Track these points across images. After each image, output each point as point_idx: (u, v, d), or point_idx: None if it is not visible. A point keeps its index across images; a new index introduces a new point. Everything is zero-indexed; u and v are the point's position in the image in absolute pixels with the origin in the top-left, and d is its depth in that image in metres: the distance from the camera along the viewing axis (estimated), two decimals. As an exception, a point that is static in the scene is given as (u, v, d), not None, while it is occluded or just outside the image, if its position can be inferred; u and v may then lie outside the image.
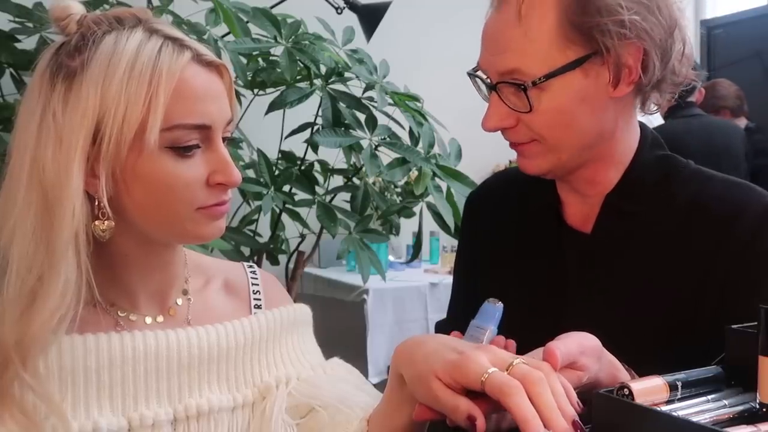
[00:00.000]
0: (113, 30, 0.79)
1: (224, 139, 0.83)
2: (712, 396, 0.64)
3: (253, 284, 0.97)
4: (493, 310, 0.85)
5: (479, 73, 0.96)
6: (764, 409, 0.60)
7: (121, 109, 0.75)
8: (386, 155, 2.30)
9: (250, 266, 1.00)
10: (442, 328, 1.14)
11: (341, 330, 3.07)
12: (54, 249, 0.75)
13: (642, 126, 1.01)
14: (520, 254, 1.04)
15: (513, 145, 0.97)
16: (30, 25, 2.18)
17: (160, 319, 0.88)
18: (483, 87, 0.97)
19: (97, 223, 0.78)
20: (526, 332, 0.79)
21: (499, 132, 0.97)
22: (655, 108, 0.99)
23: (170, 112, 0.77)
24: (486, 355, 0.66)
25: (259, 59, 2.34)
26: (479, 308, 0.88)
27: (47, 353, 0.78)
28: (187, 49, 0.80)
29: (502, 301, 1.03)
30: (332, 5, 2.65)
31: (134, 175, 0.78)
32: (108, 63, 0.76)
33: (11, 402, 0.75)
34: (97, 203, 0.78)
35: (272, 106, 2.21)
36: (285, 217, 2.40)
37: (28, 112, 0.78)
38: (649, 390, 0.61)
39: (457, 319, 1.13)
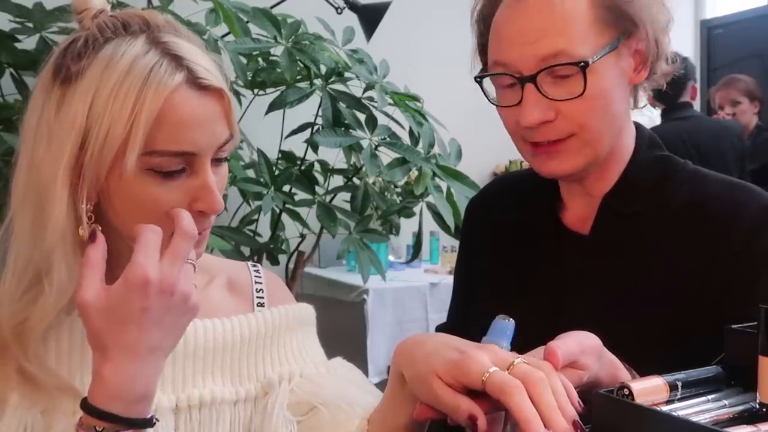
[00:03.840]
0: (116, 37, 0.77)
1: (220, 160, 0.81)
2: (712, 396, 0.64)
3: (256, 283, 0.97)
4: (504, 326, 0.80)
5: (499, 72, 0.93)
6: (764, 409, 0.60)
7: (104, 127, 0.74)
8: (386, 155, 2.31)
9: (254, 265, 1.00)
10: (442, 332, 1.15)
11: (341, 330, 3.07)
12: (48, 248, 0.76)
13: (638, 126, 1.02)
14: (519, 256, 1.04)
15: (543, 147, 0.93)
16: (30, 25, 2.19)
17: None
18: (492, 91, 0.96)
19: (82, 227, 0.77)
20: (526, 333, 0.79)
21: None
22: (643, 105, 1.01)
23: (152, 138, 0.75)
24: (487, 354, 0.66)
25: (259, 59, 2.35)
26: (490, 324, 0.83)
27: (60, 333, 0.79)
28: (182, 69, 0.76)
29: (501, 301, 1.03)
30: (332, 5, 2.65)
31: (115, 191, 0.77)
32: (100, 77, 0.75)
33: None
34: (84, 207, 0.77)
35: (272, 106, 2.22)
36: (285, 217, 2.40)
37: (32, 109, 0.79)
38: (649, 390, 0.61)
39: (458, 323, 1.13)
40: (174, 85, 0.76)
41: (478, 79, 0.97)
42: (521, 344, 0.79)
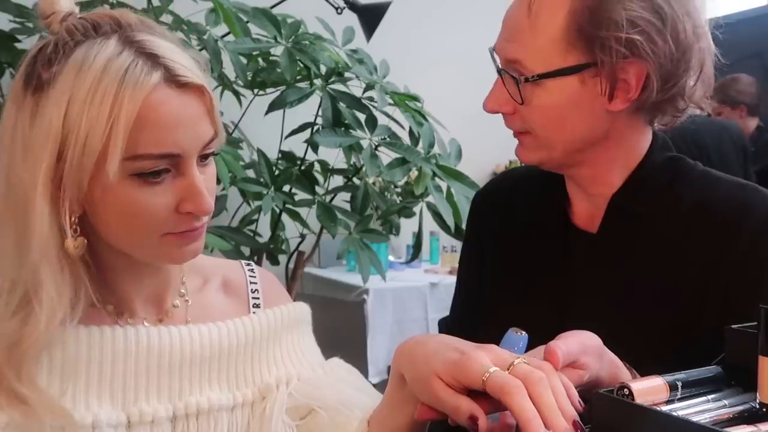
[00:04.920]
0: (87, 40, 0.74)
1: (207, 156, 0.79)
2: (712, 396, 0.64)
3: (251, 283, 0.97)
4: (517, 339, 0.79)
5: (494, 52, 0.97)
6: (764, 409, 0.59)
7: (82, 134, 0.71)
8: (386, 155, 2.31)
9: (249, 265, 0.99)
10: (444, 326, 1.15)
11: (341, 330, 3.07)
12: (33, 265, 0.73)
13: (654, 131, 1.01)
14: (527, 253, 1.04)
15: (513, 133, 0.99)
16: (30, 25, 2.19)
17: (157, 322, 0.87)
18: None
19: (68, 241, 0.75)
20: (532, 330, 0.79)
21: (498, 133, 0.98)
22: (659, 127, 0.99)
23: (133, 141, 0.72)
24: (487, 354, 0.66)
25: (259, 59, 2.35)
26: (502, 337, 0.81)
27: (53, 346, 0.78)
28: (159, 68, 0.74)
29: (507, 297, 1.03)
30: (332, 5, 2.65)
31: (100, 201, 0.75)
32: (73, 83, 0.72)
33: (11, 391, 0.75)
34: (67, 220, 0.75)
35: (272, 106, 2.22)
36: (285, 217, 2.40)
37: (5, 121, 0.76)
38: (649, 390, 0.61)
39: (462, 318, 1.13)
40: (152, 84, 0.73)
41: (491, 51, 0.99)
42: (529, 341, 0.79)
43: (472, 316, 1.09)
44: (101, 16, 0.77)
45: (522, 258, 1.04)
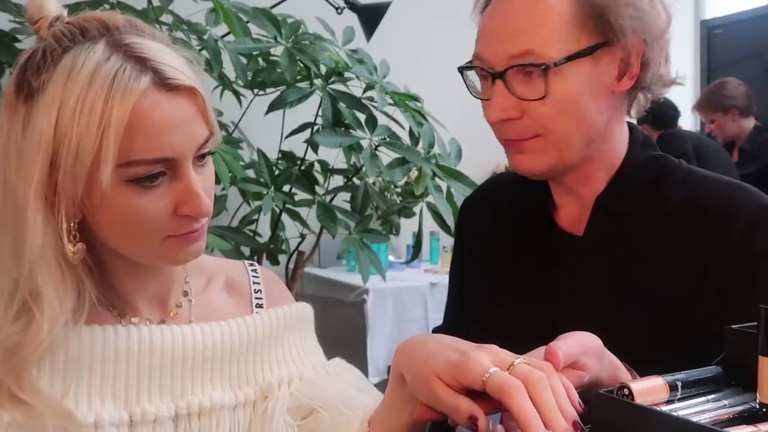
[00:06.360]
0: (74, 45, 0.74)
1: (203, 156, 0.78)
2: (712, 396, 0.64)
3: (254, 283, 0.97)
4: None
5: (475, 65, 0.94)
6: (764, 409, 0.59)
7: (74, 142, 0.71)
8: (386, 155, 2.31)
9: (252, 265, 0.99)
10: (439, 333, 1.14)
11: (341, 330, 3.07)
12: (27, 271, 0.73)
13: (632, 126, 1.01)
14: (515, 258, 1.04)
15: (511, 143, 0.94)
16: (30, 25, 2.18)
17: (161, 322, 0.87)
18: (476, 82, 0.96)
19: (66, 247, 0.75)
20: (523, 334, 0.79)
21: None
22: (636, 113, 1.00)
23: (125, 148, 0.72)
24: (487, 354, 0.66)
25: (259, 59, 2.35)
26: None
27: (55, 346, 0.78)
28: (148, 72, 0.73)
29: (498, 302, 1.03)
30: (332, 5, 2.65)
31: (98, 207, 0.75)
32: (62, 90, 0.72)
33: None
34: (65, 226, 0.75)
35: (272, 106, 2.22)
36: (285, 217, 2.40)
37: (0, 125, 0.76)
38: (649, 390, 0.61)
39: (455, 323, 1.13)
40: (141, 89, 0.72)
41: (461, 71, 0.97)
42: (518, 345, 0.79)
43: (465, 320, 1.09)
44: (88, 20, 0.76)
45: (511, 261, 1.04)
